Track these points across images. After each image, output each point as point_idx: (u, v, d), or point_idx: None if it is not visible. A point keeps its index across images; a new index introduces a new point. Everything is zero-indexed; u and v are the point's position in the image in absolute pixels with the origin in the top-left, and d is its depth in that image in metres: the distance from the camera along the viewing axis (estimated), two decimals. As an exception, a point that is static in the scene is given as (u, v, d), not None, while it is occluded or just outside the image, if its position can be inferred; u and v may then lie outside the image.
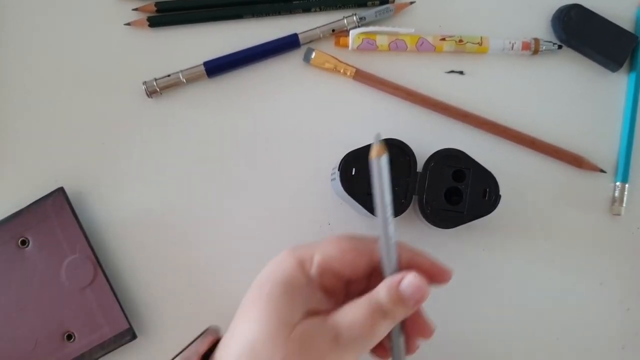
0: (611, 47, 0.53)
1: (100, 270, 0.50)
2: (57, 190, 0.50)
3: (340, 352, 0.37)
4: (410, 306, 0.38)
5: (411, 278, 0.38)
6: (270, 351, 0.36)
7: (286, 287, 0.39)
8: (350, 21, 0.53)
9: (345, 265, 0.40)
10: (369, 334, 0.37)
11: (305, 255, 0.40)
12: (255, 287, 0.40)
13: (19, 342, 0.49)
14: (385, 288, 0.38)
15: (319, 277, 0.40)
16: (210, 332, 0.42)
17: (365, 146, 0.47)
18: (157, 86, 0.52)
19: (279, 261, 0.41)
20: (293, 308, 0.38)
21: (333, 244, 0.41)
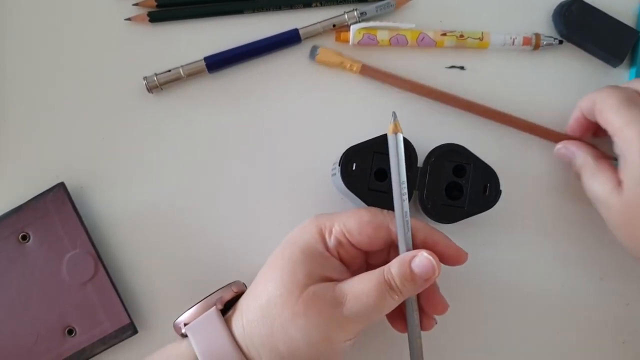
0: (612, 43, 0.53)
1: (101, 265, 0.50)
2: (57, 185, 0.50)
3: (343, 319, 0.39)
4: (419, 284, 0.40)
5: (423, 257, 0.40)
6: (281, 307, 0.40)
7: (304, 252, 0.42)
8: (351, 16, 0.53)
9: (363, 237, 0.42)
10: (374, 306, 0.39)
11: (325, 224, 0.43)
12: (280, 248, 0.43)
13: (20, 337, 0.49)
14: (396, 263, 0.40)
15: (336, 247, 0.42)
16: (236, 284, 0.45)
17: (366, 141, 0.47)
18: (158, 81, 0.52)
19: (303, 227, 0.44)
20: (308, 272, 0.41)
21: (353, 216, 0.43)
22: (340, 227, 0.42)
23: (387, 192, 0.46)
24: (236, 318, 0.42)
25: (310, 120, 0.53)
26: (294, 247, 0.42)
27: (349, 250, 0.43)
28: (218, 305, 0.43)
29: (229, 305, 0.44)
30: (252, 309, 0.41)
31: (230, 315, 0.43)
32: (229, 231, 0.52)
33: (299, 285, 0.40)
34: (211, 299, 0.44)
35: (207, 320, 0.42)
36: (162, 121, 0.53)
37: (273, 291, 0.40)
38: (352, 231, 0.42)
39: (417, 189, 0.47)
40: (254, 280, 0.44)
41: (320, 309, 0.39)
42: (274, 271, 0.42)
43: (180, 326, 0.44)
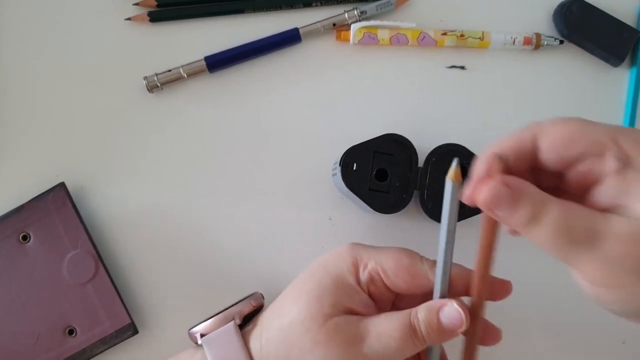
0: (613, 42, 0.53)
1: (102, 265, 0.50)
2: (58, 186, 0.50)
3: (362, 356, 0.38)
4: (445, 335, 0.38)
5: (453, 307, 0.37)
6: (302, 333, 0.39)
7: (335, 280, 0.40)
8: (351, 15, 0.53)
9: (398, 281, 0.40)
10: (395, 348, 0.38)
11: (362, 257, 0.41)
12: (309, 270, 0.42)
13: (20, 337, 0.49)
14: (424, 309, 0.38)
15: (367, 283, 0.40)
16: (255, 297, 0.45)
17: (367, 141, 0.47)
18: (158, 81, 0.52)
19: (339, 253, 0.42)
20: (334, 302, 0.39)
21: (392, 257, 0.41)
22: (375, 264, 0.41)
23: (387, 193, 0.47)
24: (255, 334, 0.42)
25: (310, 119, 0.53)
26: (325, 273, 0.41)
27: (380, 289, 0.41)
28: (237, 320, 0.43)
29: (247, 318, 0.44)
30: (274, 328, 0.41)
31: (249, 330, 0.43)
32: (229, 231, 0.52)
33: (323, 314, 0.39)
34: (230, 312, 0.44)
35: (225, 335, 0.42)
36: (162, 121, 0.53)
37: (297, 315, 0.39)
38: (387, 272, 0.40)
39: (417, 189, 0.47)
40: (279, 296, 0.43)
41: (341, 343, 0.38)
42: (300, 294, 0.41)
43: (196, 336, 0.43)
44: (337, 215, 0.53)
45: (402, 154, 0.47)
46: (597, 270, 0.31)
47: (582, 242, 0.31)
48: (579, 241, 0.31)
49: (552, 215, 0.31)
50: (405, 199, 0.47)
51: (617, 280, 0.31)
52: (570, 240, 0.31)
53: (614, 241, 0.31)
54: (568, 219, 0.31)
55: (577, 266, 0.32)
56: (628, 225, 0.31)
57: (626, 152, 0.32)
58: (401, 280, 0.40)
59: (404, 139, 0.47)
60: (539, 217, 0.32)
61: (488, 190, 0.33)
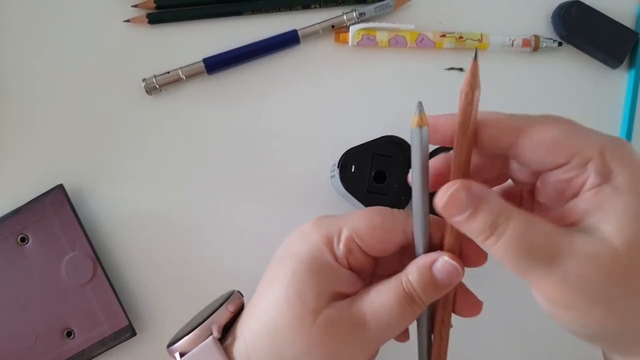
0: (611, 44, 0.53)
1: (100, 267, 0.50)
2: (56, 187, 0.50)
3: (364, 343, 0.35)
4: (441, 290, 0.35)
5: (445, 261, 0.35)
6: (292, 337, 0.35)
7: (311, 267, 0.36)
8: (349, 17, 0.53)
9: (375, 242, 0.36)
10: (396, 323, 0.35)
11: (332, 231, 0.37)
12: (278, 260, 0.38)
13: (18, 339, 0.49)
14: (416, 270, 0.35)
15: (345, 256, 0.36)
16: (233, 300, 0.40)
17: (365, 143, 0.47)
18: (157, 83, 0.52)
19: (304, 235, 0.38)
20: (317, 291, 0.35)
21: (363, 219, 0.37)
22: (349, 232, 0.36)
23: (386, 194, 0.47)
24: (238, 346, 0.37)
25: (309, 121, 0.53)
26: (297, 262, 0.36)
27: (359, 258, 0.37)
28: (215, 334, 0.38)
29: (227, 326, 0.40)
30: (257, 335, 0.36)
31: (230, 343, 0.38)
32: (227, 233, 0.52)
33: (309, 311, 0.35)
34: (207, 324, 0.39)
35: (205, 353, 0.37)
36: (161, 123, 0.53)
37: (280, 317, 0.35)
38: (363, 236, 0.36)
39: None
40: (252, 297, 0.39)
41: (339, 337, 0.35)
42: (276, 292, 0.36)
43: (175, 355, 0.39)
44: (336, 217, 0.53)
45: (400, 156, 0.47)
46: (554, 290, 0.30)
47: (541, 260, 0.30)
48: (537, 259, 0.30)
49: (512, 229, 0.30)
50: (404, 201, 0.47)
51: (573, 303, 0.30)
52: (529, 257, 0.30)
53: (573, 263, 0.30)
54: (529, 234, 0.30)
55: (534, 284, 0.31)
56: (590, 247, 0.30)
57: (609, 167, 0.31)
58: (377, 240, 0.36)
59: (402, 140, 0.47)
60: (499, 229, 0.30)
61: (447, 195, 0.32)
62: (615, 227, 0.30)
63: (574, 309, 0.30)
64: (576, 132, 0.32)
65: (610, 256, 0.29)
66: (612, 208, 0.30)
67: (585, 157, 0.31)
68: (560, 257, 0.30)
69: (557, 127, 0.32)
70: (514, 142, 0.32)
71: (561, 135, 0.32)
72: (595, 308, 0.30)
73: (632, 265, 0.29)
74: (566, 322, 0.32)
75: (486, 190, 0.32)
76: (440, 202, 0.32)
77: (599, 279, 0.29)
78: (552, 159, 0.32)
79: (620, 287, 0.30)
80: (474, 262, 0.36)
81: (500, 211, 0.31)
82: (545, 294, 0.31)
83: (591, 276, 0.29)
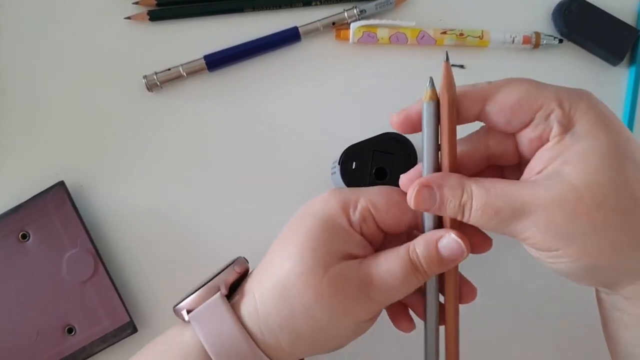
0: (612, 41, 0.53)
1: (101, 264, 0.50)
2: (57, 184, 0.50)
3: (369, 300, 0.37)
4: (445, 266, 0.38)
5: (452, 238, 0.37)
6: (303, 289, 0.37)
7: (326, 225, 0.38)
8: (350, 14, 0.53)
9: (389, 217, 0.39)
10: (400, 287, 0.37)
11: (350, 198, 0.39)
12: (295, 221, 0.40)
13: (20, 336, 0.49)
14: (423, 243, 0.37)
15: (359, 223, 0.39)
16: (238, 263, 0.42)
17: (366, 140, 0.47)
18: (158, 80, 0.52)
19: (322, 199, 0.40)
20: (330, 249, 0.38)
21: (381, 194, 0.40)
22: (366, 203, 0.39)
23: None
24: (247, 301, 0.39)
25: (310, 118, 0.53)
26: (314, 219, 0.39)
27: (372, 228, 0.39)
28: (223, 290, 0.40)
29: (233, 287, 0.41)
30: (267, 289, 0.38)
31: (238, 299, 0.40)
32: (228, 229, 0.53)
33: (321, 264, 0.37)
34: (214, 282, 0.41)
35: (212, 308, 0.39)
36: (162, 120, 0.53)
37: (292, 269, 0.37)
38: (379, 208, 0.39)
39: (417, 187, 0.47)
40: (266, 255, 0.41)
41: (346, 291, 0.37)
42: (291, 246, 0.38)
43: (182, 312, 0.41)
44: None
45: (401, 153, 0.47)
46: (532, 239, 0.33)
47: (511, 218, 0.33)
48: (507, 218, 0.33)
49: (476, 202, 0.34)
50: (405, 198, 0.47)
51: (550, 245, 0.33)
52: (499, 219, 0.34)
53: (540, 210, 0.32)
54: (491, 201, 0.34)
55: (517, 237, 0.34)
56: (554, 192, 0.32)
57: (569, 116, 0.33)
58: (391, 215, 0.39)
59: (403, 137, 0.47)
60: (466, 205, 0.35)
61: (413, 198, 0.36)
62: (575, 169, 0.32)
63: (553, 250, 0.33)
64: (536, 89, 0.35)
65: (573, 196, 0.32)
66: (572, 152, 0.33)
67: (547, 110, 0.34)
68: (527, 209, 0.33)
69: (518, 87, 0.35)
70: (482, 108, 0.36)
71: (522, 94, 0.35)
72: (569, 247, 0.33)
73: (594, 202, 0.32)
74: (554, 267, 0.35)
75: (445, 178, 0.36)
76: (410, 202, 0.36)
77: (565, 219, 0.32)
78: (518, 118, 0.35)
79: (587, 224, 0.32)
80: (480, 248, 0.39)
81: (463, 190, 0.35)
82: (529, 244, 0.34)
83: (558, 218, 0.32)
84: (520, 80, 0.36)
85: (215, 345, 0.38)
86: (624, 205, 0.32)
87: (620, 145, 0.33)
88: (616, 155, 0.32)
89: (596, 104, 0.34)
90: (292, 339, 0.38)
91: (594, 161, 0.32)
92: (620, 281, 0.35)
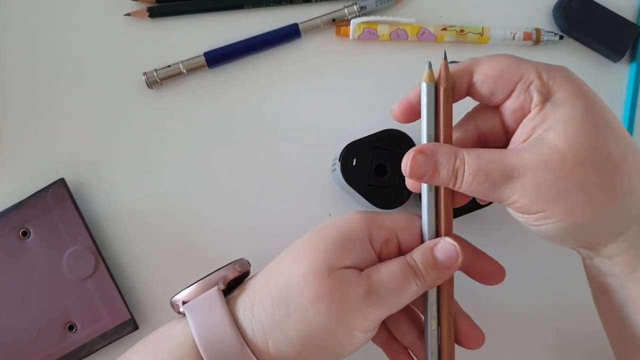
0: (613, 38, 0.53)
1: (102, 261, 0.50)
2: (57, 182, 0.50)
3: (366, 304, 0.37)
4: (441, 271, 0.38)
5: (447, 242, 0.38)
6: (303, 287, 0.37)
7: (345, 236, 0.39)
8: (350, 11, 0.53)
9: (415, 243, 0.40)
10: (399, 289, 0.38)
11: (376, 218, 0.40)
12: (317, 229, 0.41)
13: (20, 333, 0.49)
14: (419, 250, 0.39)
15: (381, 244, 0.40)
16: (240, 263, 0.42)
17: (366, 137, 0.47)
18: (158, 77, 0.52)
19: (347, 215, 0.41)
20: (341, 256, 0.38)
21: (408, 218, 0.41)
22: (392, 224, 0.40)
23: (387, 188, 0.47)
24: (245, 297, 0.40)
25: (310, 115, 0.53)
26: (334, 229, 0.40)
27: (391, 250, 0.40)
28: (220, 285, 0.40)
29: (232, 285, 0.42)
30: (270, 288, 0.39)
31: (235, 295, 0.40)
32: (229, 226, 0.52)
33: (328, 267, 0.37)
34: (213, 277, 0.41)
35: (207, 301, 0.40)
36: (162, 117, 0.53)
37: (298, 270, 0.38)
38: (405, 232, 0.40)
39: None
40: (277, 257, 0.41)
41: (345, 294, 0.37)
42: (304, 250, 0.39)
43: (178, 304, 0.41)
44: (337, 210, 0.53)
45: (401, 150, 0.47)
46: (520, 202, 0.35)
47: (501, 181, 0.35)
48: (498, 182, 0.35)
49: (468, 167, 0.36)
50: (405, 195, 0.47)
51: (537, 207, 0.35)
52: (490, 183, 0.35)
53: (527, 172, 0.35)
54: (482, 166, 0.36)
55: (506, 201, 0.36)
56: (539, 155, 0.35)
57: (548, 86, 0.36)
58: (417, 240, 0.40)
59: (403, 134, 0.47)
60: (459, 172, 0.36)
61: (408, 163, 0.37)
62: (558, 134, 0.35)
63: (540, 212, 0.35)
64: (517, 62, 0.37)
65: (558, 158, 0.34)
66: (554, 119, 0.35)
67: (527, 81, 0.36)
68: (516, 172, 0.35)
69: (500, 60, 0.37)
70: (470, 80, 0.38)
71: (504, 66, 0.37)
72: (555, 206, 0.35)
73: (577, 163, 0.34)
74: (540, 229, 0.37)
75: (439, 145, 0.38)
76: (405, 170, 0.38)
77: (551, 180, 0.34)
78: (500, 88, 0.37)
79: (571, 184, 0.34)
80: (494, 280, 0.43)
81: (456, 157, 0.37)
82: (517, 208, 0.36)
83: (545, 178, 0.34)
84: (502, 55, 0.38)
85: (204, 337, 0.38)
86: (602, 164, 0.35)
87: (596, 110, 0.35)
88: (593, 119, 0.35)
89: (571, 75, 0.37)
90: (280, 342, 0.38)
91: (574, 125, 0.35)
92: (602, 240, 0.37)
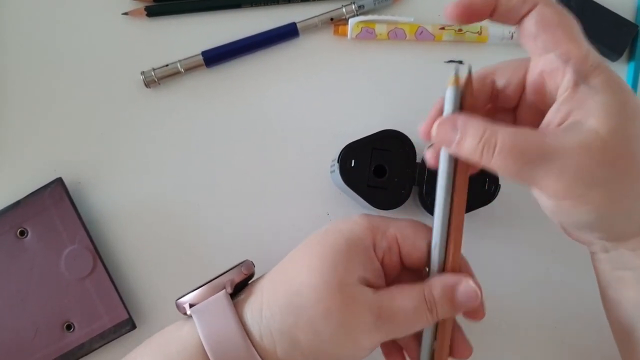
0: (611, 37, 0.53)
1: (100, 260, 0.50)
2: (55, 181, 0.50)
3: (377, 330, 0.37)
4: (457, 310, 0.38)
5: (470, 286, 0.38)
6: (314, 300, 0.37)
7: (350, 244, 0.39)
8: (348, 10, 0.53)
9: (415, 251, 0.40)
10: (409, 323, 0.38)
11: (380, 224, 0.40)
12: (320, 233, 0.40)
13: (18, 332, 0.49)
14: (440, 287, 0.38)
15: (384, 251, 0.40)
16: (246, 265, 0.42)
17: (365, 137, 0.47)
18: (155, 76, 0.52)
19: (351, 219, 0.41)
20: (349, 268, 0.38)
21: (411, 226, 0.40)
22: (395, 232, 0.40)
23: (386, 189, 0.47)
24: (253, 300, 0.40)
25: (308, 115, 0.53)
26: (339, 235, 0.39)
27: (394, 260, 0.40)
28: (228, 289, 0.41)
29: (238, 287, 0.42)
30: (279, 294, 0.39)
31: (242, 299, 0.40)
32: (226, 226, 0.52)
33: (338, 281, 0.37)
34: (220, 280, 0.41)
35: (215, 304, 0.40)
36: (160, 116, 0.53)
37: (307, 280, 0.38)
38: (407, 240, 0.40)
39: (416, 184, 0.47)
40: (283, 260, 0.41)
41: (356, 315, 0.37)
42: (312, 258, 0.39)
43: (184, 306, 0.41)
44: (335, 212, 0.53)
45: (400, 150, 0.47)
46: (555, 184, 0.33)
47: (537, 160, 0.33)
48: (534, 160, 0.33)
49: (502, 140, 0.33)
50: (404, 195, 0.47)
51: (573, 191, 0.33)
52: (526, 161, 0.33)
53: (566, 155, 0.33)
54: (519, 141, 0.33)
55: (537, 183, 0.34)
56: (578, 138, 0.33)
57: (587, 69, 0.34)
58: (418, 250, 0.40)
59: (402, 134, 0.47)
60: (489, 143, 0.34)
61: (437, 125, 0.36)
62: (599, 120, 0.33)
63: (574, 196, 0.33)
64: (573, 29, 0.36)
65: (600, 143, 0.32)
66: (594, 104, 0.33)
67: (571, 52, 0.35)
68: (554, 153, 0.33)
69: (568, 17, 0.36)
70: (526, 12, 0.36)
71: (566, 21, 0.36)
72: (592, 192, 0.33)
73: (618, 150, 0.33)
74: (569, 214, 0.35)
75: (470, 115, 0.35)
76: (433, 133, 0.36)
77: (592, 165, 0.33)
78: (547, 36, 0.35)
79: (611, 171, 0.33)
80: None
81: (486, 128, 0.34)
82: (549, 191, 0.34)
83: (585, 163, 0.33)
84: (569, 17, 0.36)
85: (212, 340, 0.38)
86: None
87: (633, 102, 0.34)
88: (632, 111, 0.34)
89: (611, 69, 0.35)
90: (288, 348, 0.38)
91: (615, 113, 0.33)
92: (630, 231, 0.37)
